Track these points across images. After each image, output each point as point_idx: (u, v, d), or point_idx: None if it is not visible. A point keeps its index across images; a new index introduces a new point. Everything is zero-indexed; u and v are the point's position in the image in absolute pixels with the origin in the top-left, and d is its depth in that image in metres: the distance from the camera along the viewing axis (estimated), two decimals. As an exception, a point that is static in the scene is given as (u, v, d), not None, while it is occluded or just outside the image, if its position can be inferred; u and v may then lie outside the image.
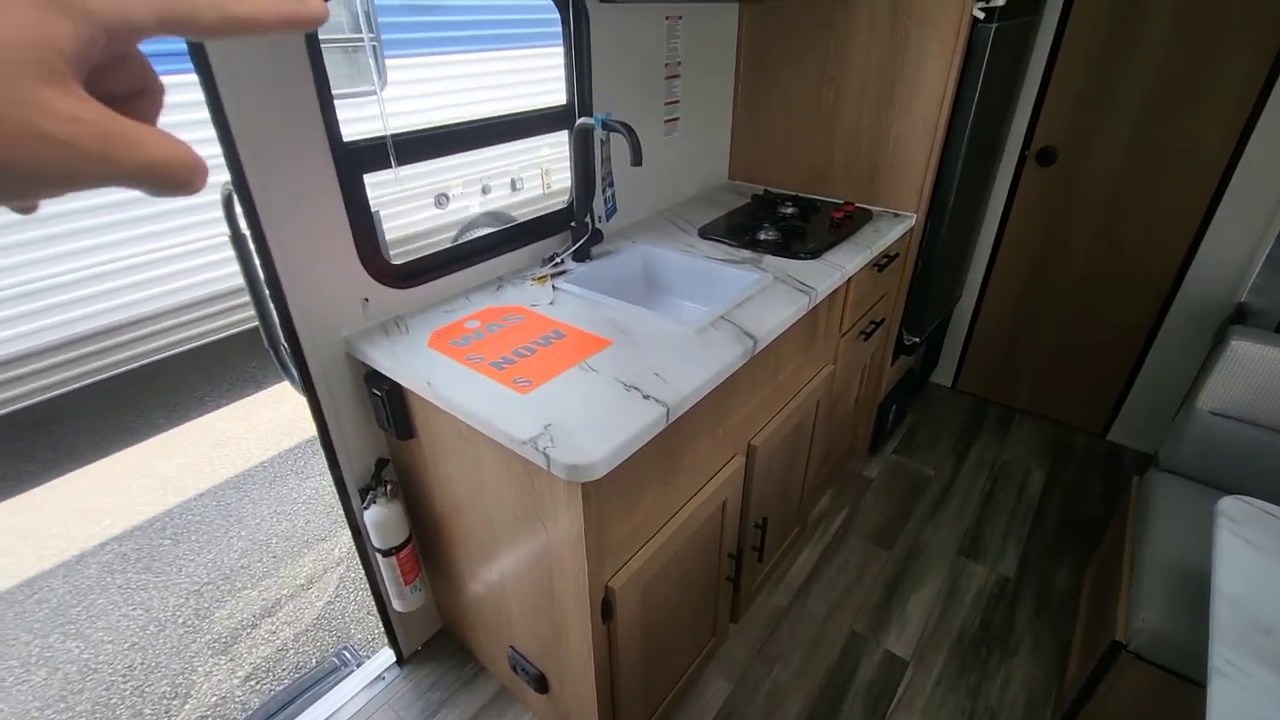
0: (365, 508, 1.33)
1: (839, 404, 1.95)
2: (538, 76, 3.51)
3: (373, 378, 1.23)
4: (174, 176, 0.21)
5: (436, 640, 1.73)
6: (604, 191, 1.49)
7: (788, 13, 1.88)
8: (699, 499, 1.27)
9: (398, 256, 3.23)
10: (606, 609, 1.11)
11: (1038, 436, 2.55)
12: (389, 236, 3.19)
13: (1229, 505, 1.11)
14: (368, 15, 2.82)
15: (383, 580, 1.44)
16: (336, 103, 1.12)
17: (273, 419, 2.93)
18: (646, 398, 1.03)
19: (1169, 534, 1.43)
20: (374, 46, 2.84)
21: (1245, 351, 1.42)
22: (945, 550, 2.01)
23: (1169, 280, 2.19)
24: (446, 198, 3.31)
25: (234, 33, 0.22)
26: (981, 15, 1.58)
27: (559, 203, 1.60)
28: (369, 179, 1.21)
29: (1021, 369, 2.62)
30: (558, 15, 1.45)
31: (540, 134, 1.51)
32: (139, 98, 0.23)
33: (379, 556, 1.38)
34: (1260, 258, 1.99)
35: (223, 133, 0.99)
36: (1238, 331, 1.46)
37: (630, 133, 1.31)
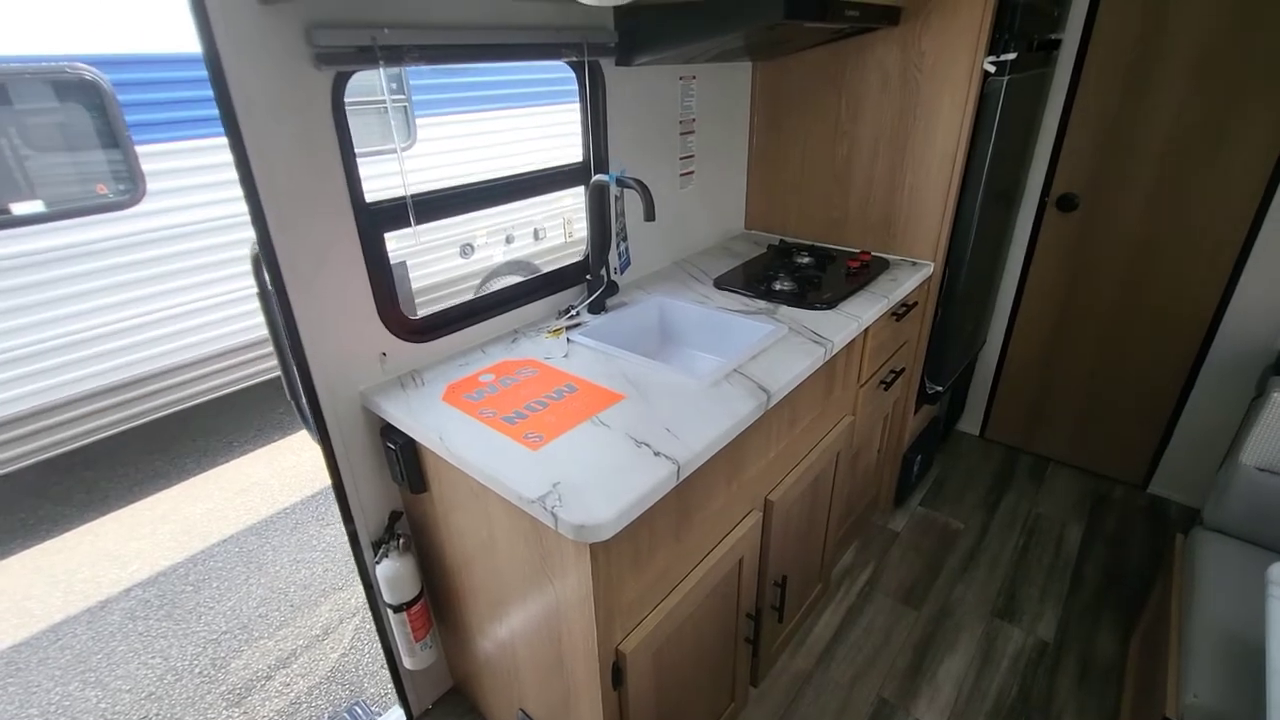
0: (377, 561, 1.32)
1: (860, 455, 1.90)
2: (559, 130, 3.63)
3: (388, 431, 1.24)
4: None
5: (447, 699, 1.69)
6: (618, 246, 1.51)
7: (800, 69, 1.92)
8: (714, 557, 1.23)
9: (424, 304, 3.32)
10: (617, 674, 1.07)
11: (1074, 488, 2.45)
12: (415, 285, 3.28)
13: (1280, 572, 1.04)
14: (400, 78, 2.98)
15: (393, 637, 1.42)
16: (369, 159, 1.17)
17: (297, 464, 2.97)
18: (657, 455, 1.02)
19: (1218, 599, 1.34)
20: (404, 107, 2.99)
21: (1288, 405, 1.35)
22: (978, 610, 1.92)
23: (1204, 325, 2.12)
24: (471, 247, 3.41)
25: None
26: (993, 69, 1.60)
27: (580, 251, 1.63)
28: (396, 230, 1.26)
29: (1053, 417, 2.53)
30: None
31: (557, 190, 1.55)
32: None
33: (390, 612, 1.36)
34: (1301, 304, 1.92)
35: (250, 195, 1.03)
36: (1279, 384, 1.40)
37: (644, 189, 1.34)
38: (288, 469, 2.95)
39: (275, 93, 1.01)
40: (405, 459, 1.22)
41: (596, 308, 1.56)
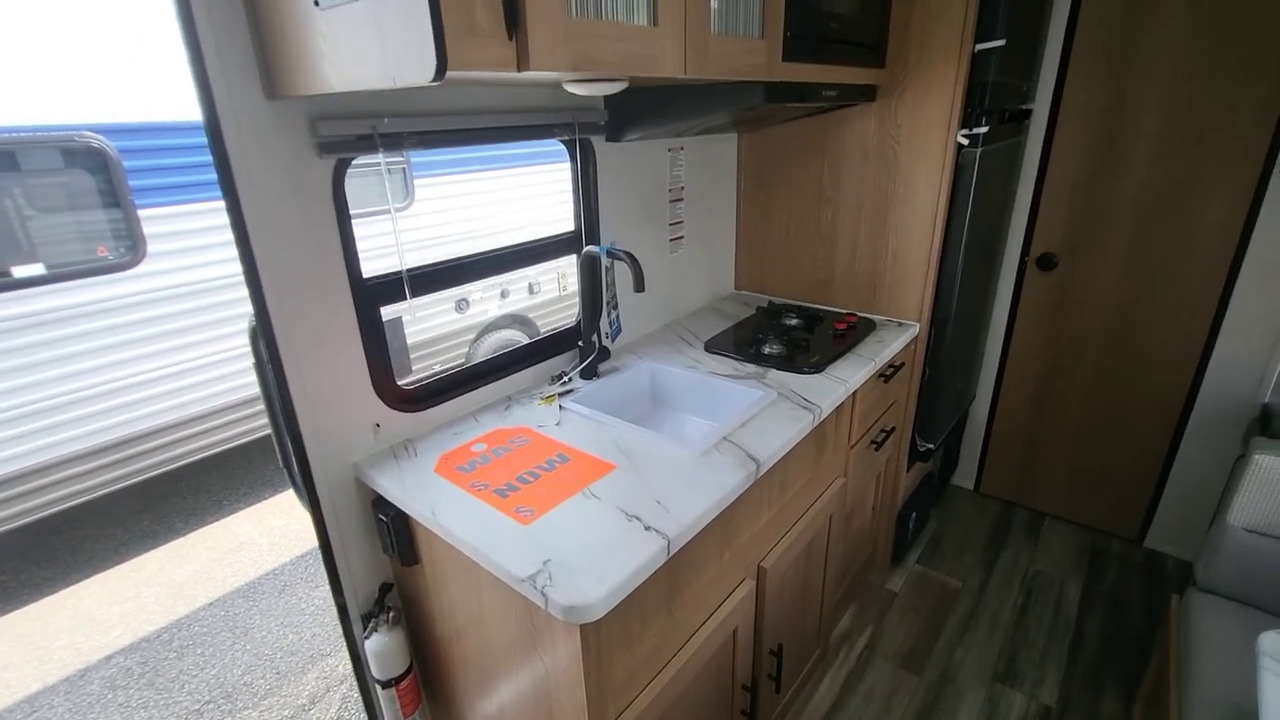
0: (366, 636, 1.30)
1: (854, 515, 1.90)
2: (553, 189, 3.74)
3: (379, 503, 1.24)
4: None
5: (436, 776, 1.63)
6: (609, 314, 1.55)
7: (783, 140, 2.00)
8: (708, 629, 1.22)
9: (419, 359, 3.35)
10: (608, 757, 1.05)
11: (1070, 543, 2.44)
12: (411, 340, 3.31)
13: (1271, 643, 1.04)
14: (400, 143, 3.08)
15: (381, 712, 1.39)
16: (369, 219, 1.20)
17: (286, 523, 2.94)
18: (648, 529, 1.03)
19: (1215, 665, 1.33)
20: (404, 169, 3.08)
21: (1270, 467, 1.37)
22: (979, 674, 1.88)
23: (1187, 380, 2.16)
24: (467, 303, 3.46)
25: None
26: (966, 141, 1.68)
27: (574, 304, 1.65)
28: (392, 304, 1.29)
29: (1046, 470, 2.54)
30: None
31: (549, 260, 1.59)
32: None
33: (378, 688, 1.34)
34: (1279, 359, 1.96)
35: (249, 272, 1.06)
36: (1260, 444, 1.42)
37: (633, 261, 1.38)
38: (277, 528, 2.91)
39: (277, 178, 1.06)
40: (397, 531, 1.22)
41: (589, 373, 1.58)
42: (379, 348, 1.28)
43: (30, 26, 2.29)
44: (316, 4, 0.84)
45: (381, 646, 1.30)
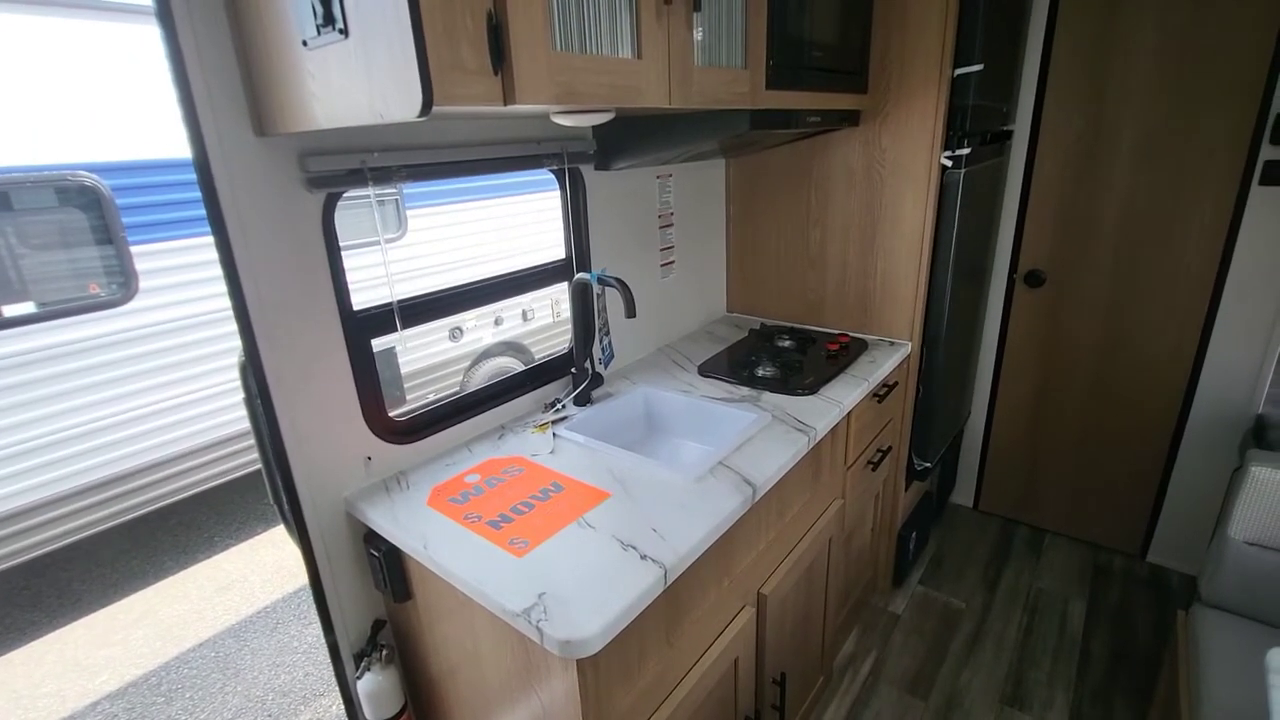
0: (359, 676, 1.27)
1: (853, 537, 1.88)
2: (545, 216, 3.77)
3: (371, 537, 1.22)
4: None
5: (432, 821, 1.57)
6: (601, 340, 1.55)
7: (771, 164, 2.03)
8: (708, 659, 1.20)
9: (414, 389, 3.33)
10: (609, 797, 1.01)
11: (1072, 559, 2.41)
12: (405, 370, 3.30)
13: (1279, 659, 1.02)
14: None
15: (374, 755, 1.35)
16: (362, 250, 1.20)
17: (278, 559, 2.89)
18: (644, 558, 1.01)
19: (1226, 683, 1.31)
20: (396, 201, 3.10)
21: (1267, 479, 1.37)
22: (986, 698, 1.84)
23: (1180, 392, 2.16)
24: (460, 331, 3.45)
25: None
26: (949, 163, 1.70)
27: (568, 329, 1.64)
28: (383, 336, 1.28)
29: (1045, 486, 2.53)
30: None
31: (541, 288, 1.60)
32: None
33: (371, 730, 1.30)
34: (1270, 369, 1.97)
35: (239, 308, 1.06)
36: (1256, 457, 1.42)
37: (624, 288, 1.38)
38: (269, 564, 2.86)
39: (267, 214, 1.06)
40: (389, 566, 1.20)
41: (582, 400, 1.57)
42: (370, 379, 1.27)
43: (24, 70, 2.32)
44: (305, 43, 0.86)
45: (374, 687, 1.26)
